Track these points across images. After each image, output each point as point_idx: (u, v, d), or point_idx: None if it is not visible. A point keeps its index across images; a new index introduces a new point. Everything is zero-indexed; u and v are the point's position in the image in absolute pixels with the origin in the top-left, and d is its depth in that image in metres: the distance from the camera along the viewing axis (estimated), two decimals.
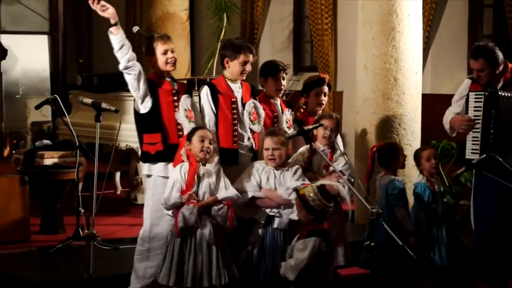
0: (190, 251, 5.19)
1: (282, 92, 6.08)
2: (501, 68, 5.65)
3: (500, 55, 5.64)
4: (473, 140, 5.67)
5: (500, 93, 5.60)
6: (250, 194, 5.38)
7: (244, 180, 5.44)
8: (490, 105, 5.58)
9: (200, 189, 5.25)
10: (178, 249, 5.19)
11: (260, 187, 5.42)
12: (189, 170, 5.23)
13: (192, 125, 5.48)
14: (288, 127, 5.94)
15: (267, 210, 5.41)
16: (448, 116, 5.85)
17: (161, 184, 5.41)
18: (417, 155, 6.00)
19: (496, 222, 5.63)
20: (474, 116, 5.64)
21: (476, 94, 5.66)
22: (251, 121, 5.74)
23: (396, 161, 5.85)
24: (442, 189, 6.00)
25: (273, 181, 5.43)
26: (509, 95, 5.59)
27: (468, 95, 5.71)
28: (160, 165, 5.44)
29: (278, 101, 6.08)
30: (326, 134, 5.66)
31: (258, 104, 5.82)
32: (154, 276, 5.42)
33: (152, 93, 5.42)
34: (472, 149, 5.68)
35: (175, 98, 5.50)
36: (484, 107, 5.60)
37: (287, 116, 6.06)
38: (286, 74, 6.08)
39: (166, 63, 5.50)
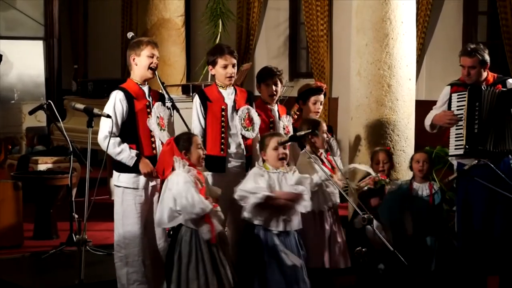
0: (215, 256, 5.16)
1: (276, 98, 6.11)
2: (486, 73, 5.94)
3: (488, 59, 5.93)
4: (456, 137, 5.92)
5: (483, 87, 5.86)
6: (264, 193, 5.34)
7: (252, 183, 5.40)
8: (474, 98, 5.83)
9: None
10: (208, 256, 5.13)
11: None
12: (200, 176, 5.21)
13: (164, 133, 5.52)
14: (286, 134, 5.97)
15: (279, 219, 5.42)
16: (430, 116, 6.09)
17: (131, 194, 5.45)
18: (411, 159, 6.17)
19: (482, 222, 5.85)
20: (458, 114, 5.88)
21: (458, 94, 5.93)
22: (244, 127, 5.76)
23: (376, 167, 6.10)
24: (428, 194, 6.07)
25: (274, 184, 5.45)
26: (491, 88, 5.84)
27: (450, 98, 5.96)
28: (131, 176, 5.47)
29: (276, 107, 6.11)
30: (328, 137, 5.77)
31: (252, 110, 5.84)
32: (138, 281, 5.44)
33: (128, 105, 5.45)
34: (456, 146, 5.93)
35: (149, 110, 5.53)
36: (468, 100, 5.85)
37: (284, 122, 6.10)
38: (281, 79, 6.12)
39: (148, 67, 5.51)
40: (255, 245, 5.40)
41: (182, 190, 5.06)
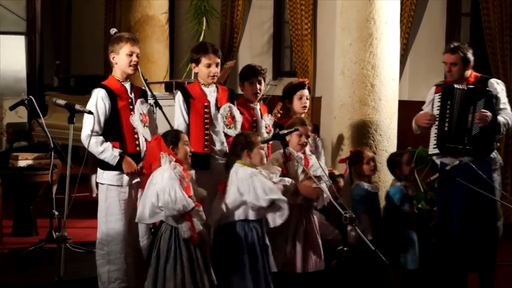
0: (193, 256, 5.13)
1: (259, 96, 6.11)
2: (469, 72, 6.00)
3: (472, 58, 5.99)
4: (434, 136, 6.01)
5: (455, 86, 5.93)
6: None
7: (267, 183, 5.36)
8: (446, 97, 5.94)
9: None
10: (187, 256, 5.10)
11: None
12: (185, 174, 5.17)
13: (147, 130, 5.50)
14: (267, 132, 5.97)
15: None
16: (417, 116, 6.18)
17: (114, 190, 5.44)
18: (391, 162, 6.14)
19: (461, 221, 5.91)
20: (437, 114, 5.98)
21: (439, 95, 6.02)
22: (226, 125, 5.75)
23: (360, 168, 6.04)
24: (412, 193, 6.10)
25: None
26: (463, 87, 5.91)
27: (434, 98, 6.05)
28: (114, 174, 5.45)
29: (258, 106, 6.10)
30: (302, 141, 5.69)
31: (234, 108, 5.82)
32: (120, 279, 5.43)
33: (111, 102, 5.43)
34: (434, 145, 6.02)
35: (131, 107, 5.51)
36: (441, 99, 5.97)
37: (266, 121, 6.10)
38: (264, 78, 6.11)
39: (129, 65, 5.49)
40: (232, 243, 5.38)
41: (166, 186, 5.03)
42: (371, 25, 6.82)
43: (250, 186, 5.29)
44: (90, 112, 5.26)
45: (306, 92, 6.39)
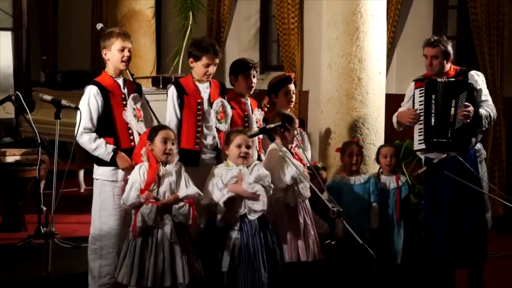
0: (152, 250, 5.18)
1: (253, 89, 6.10)
2: (448, 66, 6.03)
3: (452, 51, 6.04)
4: (419, 132, 6.01)
5: (438, 79, 5.95)
6: (222, 201, 5.36)
7: (210, 191, 5.41)
8: (430, 91, 5.94)
9: (161, 188, 5.25)
10: (140, 249, 5.17)
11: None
12: (149, 170, 5.22)
13: (141, 124, 5.52)
14: (258, 127, 5.97)
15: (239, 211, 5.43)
16: (396, 114, 6.22)
17: (109, 185, 5.47)
18: (377, 152, 6.19)
19: (449, 215, 5.92)
20: (419, 110, 5.98)
21: (420, 90, 6.03)
22: (218, 120, 5.76)
23: (343, 160, 6.12)
24: (395, 186, 6.10)
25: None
26: (445, 80, 5.93)
27: (414, 94, 6.05)
28: (109, 169, 5.46)
29: (249, 101, 6.10)
30: (299, 131, 5.78)
31: (226, 103, 5.83)
32: (110, 275, 5.44)
33: (103, 98, 5.43)
34: (419, 140, 6.03)
35: (124, 102, 5.51)
36: (425, 94, 5.97)
37: (257, 116, 6.10)
38: (256, 72, 6.11)
39: (121, 61, 5.48)
40: (218, 241, 5.41)
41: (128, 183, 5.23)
42: (358, 18, 6.82)
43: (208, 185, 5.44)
44: (76, 108, 5.25)
45: (292, 86, 6.39)
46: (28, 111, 6.96)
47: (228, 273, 5.35)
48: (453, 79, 5.97)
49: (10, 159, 8.82)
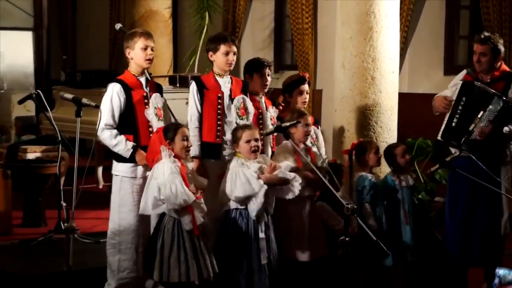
0: (196, 245, 5.14)
1: (267, 87, 6.10)
2: (498, 64, 5.82)
3: (502, 50, 5.82)
4: (445, 124, 5.86)
5: (475, 83, 5.76)
6: (262, 192, 5.31)
7: (243, 184, 5.31)
8: (463, 92, 5.78)
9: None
10: (191, 244, 5.11)
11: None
12: (181, 168, 5.17)
13: (161, 123, 5.51)
14: (272, 124, 5.96)
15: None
16: (436, 97, 6.05)
17: (128, 182, 5.46)
18: (388, 152, 6.09)
19: (465, 214, 5.81)
20: (452, 102, 5.83)
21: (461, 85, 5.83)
22: (239, 116, 5.75)
23: (366, 158, 5.97)
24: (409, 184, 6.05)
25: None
26: (484, 87, 5.73)
27: (457, 84, 5.89)
28: (128, 166, 5.46)
29: (263, 98, 6.09)
30: (308, 131, 5.70)
31: (247, 100, 5.82)
32: (129, 269, 5.44)
33: (126, 96, 5.44)
34: (441, 133, 5.88)
35: (146, 101, 5.52)
36: (458, 93, 5.80)
37: (271, 113, 6.09)
38: (270, 70, 6.11)
39: (145, 59, 5.50)
40: (225, 230, 5.38)
41: (167, 181, 5.04)
42: (371, 18, 6.78)
43: (230, 177, 5.34)
44: (97, 106, 5.26)
45: (306, 87, 6.35)
46: (48, 109, 6.98)
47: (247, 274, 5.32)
48: (492, 90, 5.72)
49: (31, 156, 8.86)
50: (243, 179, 5.31)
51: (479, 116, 5.70)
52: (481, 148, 5.69)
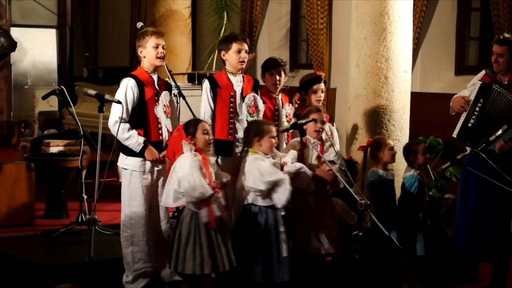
0: (212, 238, 5.11)
1: (278, 87, 6.08)
2: None
3: None
4: (460, 124, 5.82)
5: (494, 86, 5.71)
6: (288, 179, 5.25)
7: (272, 172, 5.28)
8: (481, 94, 5.73)
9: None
10: (206, 237, 5.07)
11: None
12: (204, 162, 5.16)
13: (169, 120, 5.52)
14: (288, 121, 5.96)
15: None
16: (454, 97, 6.00)
17: (138, 176, 5.45)
18: (408, 149, 6.06)
19: (475, 209, 5.78)
20: (470, 103, 5.78)
21: (479, 86, 5.78)
22: (250, 113, 5.75)
23: (380, 155, 5.92)
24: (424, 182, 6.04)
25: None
26: (502, 90, 5.68)
27: (475, 84, 5.83)
28: (138, 160, 5.46)
29: (280, 96, 6.09)
30: (318, 127, 5.66)
31: (258, 98, 5.82)
32: (143, 260, 5.45)
33: (139, 91, 5.44)
34: (456, 131, 5.84)
35: (156, 98, 5.52)
36: (476, 94, 5.75)
37: (287, 110, 6.09)
38: (284, 70, 6.08)
39: (156, 57, 5.49)
40: (242, 226, 5.35)
41: (186, 174, 5.04)
42: (385, 19, 6.77)
43: (251, 171, 5.27)
44: (118, 102, 5.28)
45: (322, 85, 6.37)
46: (71, 104, 7.00)
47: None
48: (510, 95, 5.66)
49: (53, 149, 8.89)
50: (268, 168, 5.26)
51: (502, 130, 5.56)
52: (497, 156, 5.63)
